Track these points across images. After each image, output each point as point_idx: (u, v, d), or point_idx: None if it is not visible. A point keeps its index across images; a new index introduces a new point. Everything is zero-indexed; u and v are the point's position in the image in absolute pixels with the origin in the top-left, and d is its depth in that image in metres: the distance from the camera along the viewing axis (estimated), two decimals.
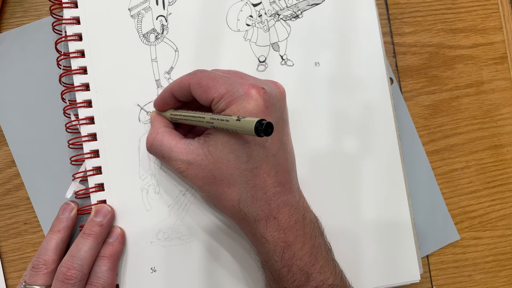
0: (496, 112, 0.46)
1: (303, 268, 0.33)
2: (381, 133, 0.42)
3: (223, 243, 0.40)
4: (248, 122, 0.30)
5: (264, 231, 0.34)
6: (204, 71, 0.36)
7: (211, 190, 0.35)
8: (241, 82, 0.34)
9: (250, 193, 0.34)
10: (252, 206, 0.34)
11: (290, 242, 0.33)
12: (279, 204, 0.34)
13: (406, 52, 0.46)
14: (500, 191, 0.46)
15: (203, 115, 0.34)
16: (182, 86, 0.36)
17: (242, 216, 0.34)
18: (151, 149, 0.37)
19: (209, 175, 0.34)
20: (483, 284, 0.45)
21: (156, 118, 0.38)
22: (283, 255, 0.33)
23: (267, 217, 0.34)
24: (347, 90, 0.42)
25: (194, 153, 0.35)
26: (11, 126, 0.42)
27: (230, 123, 0.31)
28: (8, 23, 0.43)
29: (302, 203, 0.36)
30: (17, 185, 0.42)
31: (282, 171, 0.35)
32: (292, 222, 0.34)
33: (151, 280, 0.39)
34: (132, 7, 0.41)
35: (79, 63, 0.40)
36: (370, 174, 0.41)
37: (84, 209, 0.40)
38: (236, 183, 0.34)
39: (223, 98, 0.33)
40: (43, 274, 0.36)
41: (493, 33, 0.47)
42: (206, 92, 0.34)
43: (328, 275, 0.34)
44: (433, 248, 0.45)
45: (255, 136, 0.31)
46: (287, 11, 0.42)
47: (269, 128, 0.29)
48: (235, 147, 0.33)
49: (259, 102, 0.33)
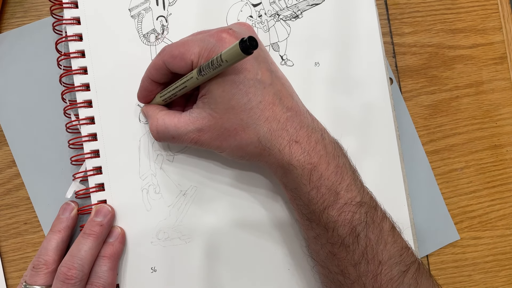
0: (496, 112, 0.46)
1: (331, 187, 0.34)
2: (380, 133, 0.42)
3: (223, 243, 0.40)
4: (232, 48, 0.30)
5: (290, 158, 0.34)
6: (170, 44, 0.36)
7: (230, 144, 0.35)
8: (208, 34, 0.34)
9: (265, 127, 0.34)
10: (272, 138, 0.34)
11: (315, 163, 0.34)
12: (295, 127, 0.34)
13: (405, 52, 0.46)
14: (499, 191, 0.46)
15: (189, 75, 0.34)
16: (158, 67, 0.36)
17: (268, 152, 0.34)
18: (159, 137, 0.37)
19: (222, 131, 0.34)
20: (483, 284, 0.45)
21: (149, 108, 0.38)
22: (311, 177, 0.34)
23: (289, 144, 0.34)
24: (347, 90, 0.42)
25: (199, 118, 0.35)
26: (11, 126, 0.42)
27: (216, 62, 0.31)
28: (8, 23, 0.43)
29: (317, 125, 0.36)
30: (17, 185, 0.42)
31: (285, 97, 0.35)
32: (312, 142, 0.34)
33: (151, 280, 0.39)
34: (132, 8, 0.41)
35: (79, 63, 0.40)
36: (370, 174, 0.41)
37: (85, 209, 0.40)
38: (249, 124, 0.34)
39: (200, 55, 0.34)
40: (44, 274, 0.36)
41: (493, 33, 0.47)
42: (182, 59, 0.34)
43: (356, 193, 0.34)
44: (432, 248, 0.45)
45: (245, 57, 0.30)
46: (287, 11, 0.42)
47: (252, 40, 0.29)
48: (232, 93, 0.33)
49: (233, 40, 0.33)
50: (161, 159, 0.40)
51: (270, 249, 0.40)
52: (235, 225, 0.40)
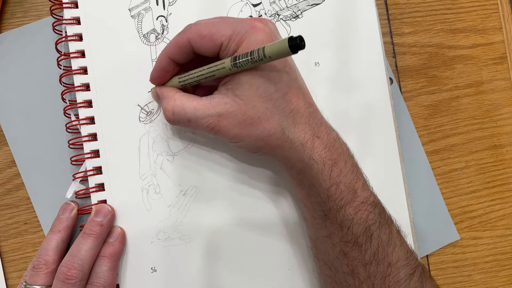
0: (496, 112, 0.46)
1: (349, 185, 0.34)
2: (380, 133, 0.42)
3: (223, 243, 0.40)
4: (279, 44, 0.29)
5: (311, 153, 0.33)
6: (197, 23, 0.34)
7: (251, 133, 0.34)
8: (240, 20, 0.33)
9: (290, 119, 0.34)
10: (295, 131, 0.34)
11: (335, 159, 0.34)
12: (317, 123, 0.34)
13: (405, 52, 0.46)
14: (499, 191, 0.46)
15: (220, 63, 0.33)
16: (181, 46, 0.34)
17: (289, 145, 0.34)
18: (174, 118, 0.35)
19: (244, 118, 0.33)
20: (483, 284, 0.45)
21: (163, 90, 0.36)
22: (331, 173, 0.33)
23: (312, 138, 0.34)
24: (346, 90, 0.42)
25: (221, 103, 0.34)
26: (11, 126, 0.42)
27: (257, 54, 0.30)
28: (8, 23, 0.43)
29: (331, 124, 0.36)
30: (17, 185, 0.42)
31: (307, 92, 0.35)
32: (331, 139, 0.34)
33: (151, 280, 0.39)
34: (132, 7, 0.41)
35: (79, 63, 0.40)
36: (370, 174, 0.41)
37: (85, 209, 0.40)
38: (274, 114, 0.33)
39: (231, 39, 0.32)
40: (44, 274, 0.36)
41: (493, 33, 0.47)
42: (212, 40, 0.33)
43: (369, 193, 0.35)
44: (432, 248, 0.45)
45: (289, 56, 0.30)
46: (287, 11, 0.42)
47: (302, 40, 0.28)
48: (261, 81, 0.33)
49: (267, 30, 0.33)
50: (161, 159, 0.40)
51: (270, 249, 0.40)
52: (235, 225, 0.40)
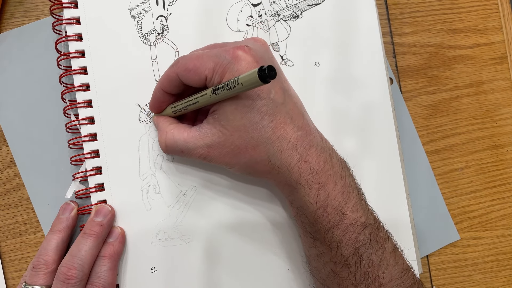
0: (496, 112, 0.46)
1: (337, 207, 0.34)
2: (380, 133, 0.42)
3: (223, 243, 0.40)
4: (250, 75, 0.30)
5: (298, 177, 0.34)
6: (185, 56, 0.36)
7: (240, 160, 0.35)
8: (224, 49, 0.34)
9: (276, 146, 0.34)
10: (281, 157, 0.34)
11: (323, 183, 0.34)
12: (305, 147, 0.34)
13: (406, 52, 0.46)
14: (500, 191, 0.46)
15: (203, 92, 0.34)
16: (171, 79, 0.36)
17: (277, 171, 0.34)
18: (167, 150, 0.37)
19: (232, 148, 0.34)
20: (483, 284, 0.45)
21: (159, 120, 0.39)
22: (318, 197, 0.34)
23: (298, 163, 0.34)
24: (347, 90, 0.42)
25: (209, 134, 0.35)
26: (11, 126, 0.42)
27: (232, 84, 0.31)
28: (8, 23, 0.43)
29: (326, 144, 0.36)
30: (17, 185, 0.42)
31: (296, 116, 0.35)
32: (321, 162, 0.34)
33: (151, 280, 0.39)
34: (132, 7, 0.41)
35: (79, 63, 0.40)
36: (370, 174, 0.41)
37: (84, 209, 0.40)
38: (259, 142, 0.34)
39: (214, 71, 0.33)
40: (44, 274, 0.36)
41: (493, 33, 0.47)
42: (196, 73, 0.34)
43: (361, 213, 0.34)
44: (433, 248, 0.45)
45: (262, 85, 0.30)
46: (287, 11, 0.42)
47: (271, 70, 0.29)
48: (245, 111, 0.33)
49: (248, 59, 0.33)
50: (161, 159, 0.40)
51: (270, 249, 0.40)
52: (235, 225, 0.40)
